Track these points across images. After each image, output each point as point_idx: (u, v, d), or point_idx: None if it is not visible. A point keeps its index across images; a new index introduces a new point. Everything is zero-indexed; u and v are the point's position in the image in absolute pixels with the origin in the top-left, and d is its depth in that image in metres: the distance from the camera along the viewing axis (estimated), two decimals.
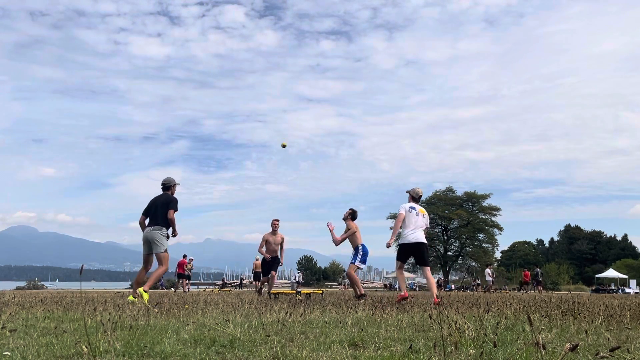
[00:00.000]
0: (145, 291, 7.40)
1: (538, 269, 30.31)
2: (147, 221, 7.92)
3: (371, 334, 3.44)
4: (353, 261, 9.34)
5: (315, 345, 2.95)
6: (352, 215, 9.51)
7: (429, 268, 7.97)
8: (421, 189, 8.28)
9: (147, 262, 7.88)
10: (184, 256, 24.00)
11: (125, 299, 7.95)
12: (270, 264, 11.21)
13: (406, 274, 56.05)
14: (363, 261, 9.36)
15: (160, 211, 7.80)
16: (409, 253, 7.97)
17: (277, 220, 11.19)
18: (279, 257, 11.21)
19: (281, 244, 11.20)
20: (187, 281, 26.63)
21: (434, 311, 5.17)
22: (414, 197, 8.17)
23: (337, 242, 9.43)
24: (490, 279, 27.25)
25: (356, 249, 9.33)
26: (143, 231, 7.84)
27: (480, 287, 26.99)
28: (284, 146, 10.50)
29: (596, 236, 78.28)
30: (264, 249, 11.19)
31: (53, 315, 4.83)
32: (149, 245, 7.73)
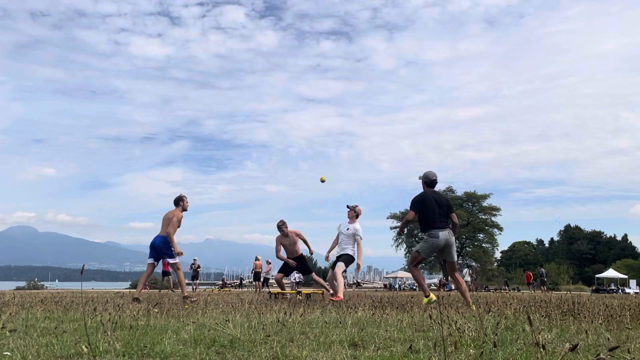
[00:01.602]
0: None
1: (542, 269, 30.44)
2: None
3: (371, 334, 3.44)
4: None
5: (315, 345, 2.95)
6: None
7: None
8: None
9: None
10: None
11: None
12: (299, 266, 10.19)
13: (406, 274, 56.19)
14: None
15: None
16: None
17: (283, 223, 10.00)
18: (302, 254, 10.20)
19: (303, 240, 10.19)
20: (194, 281, 26.70)
21: (434, 311, 5.18)
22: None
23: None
24: (470, 279, 27.41)
25: None
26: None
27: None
28: (322, 181, 9.99)
29: (596, 236, 78.29)
30: (283, 254, 10.12)
31: (53, 315, 4.83)
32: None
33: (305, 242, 10.30)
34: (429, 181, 6.95)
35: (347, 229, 8.66)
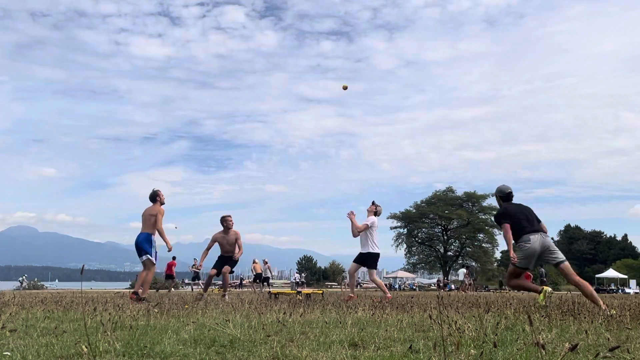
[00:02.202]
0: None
1: (542, 269, 30.52)
2: None
3: (371, 334, 3.44)
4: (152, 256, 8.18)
5: (315, 345, 2.95)
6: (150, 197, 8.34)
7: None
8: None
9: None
10: (174, 258, 23.98)
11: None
12: (224, 260, 9.69)
13: (406, 274, 56.30)
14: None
15: None
16: None
17: (230, 216, 9.68)
18: (234, 256, 9.69)
19: (237, 243, 9.69)
20: (195, 281, 26.60)
21: (434, 311, 5.18)
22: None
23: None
24: (466, 279, 27.53)
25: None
26: None
27: (464, 285, 27.25)
28: (345, 88, 9.69)
29: (596, 236, 78.27)
30: (207, 253, 9.65)
31: (53, 315, 4.83)
32: None
33: (239, 246, 9.75)
34: (504, 195, 6.58)
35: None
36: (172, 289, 22.12)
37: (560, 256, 6.07)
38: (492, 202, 53.71)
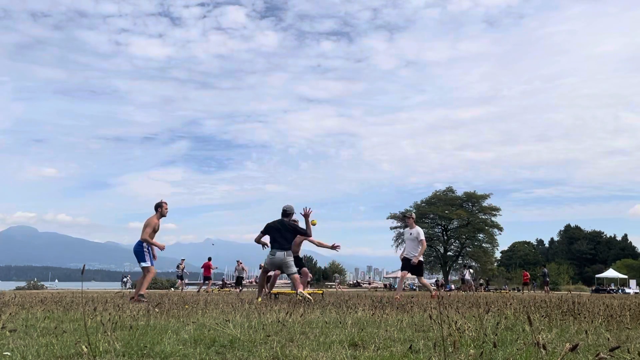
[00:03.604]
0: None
1: (545, 269, 30.64)
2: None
3: (371, 334, 3.44)
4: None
5: (315, 345, 2.95)
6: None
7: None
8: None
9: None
10: (209, 259, 23.47)
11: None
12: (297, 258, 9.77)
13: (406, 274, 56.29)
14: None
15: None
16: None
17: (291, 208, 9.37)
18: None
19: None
20: (184, 281, 26.49)
21: (434, 311, 5.18)
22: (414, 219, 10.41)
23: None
24: (470, 278, 27.64)
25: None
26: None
27: (468, 285, 27.30)
28: (314, 224, 9.14)
29: (596, 236, 78.35)
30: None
31: (53, 315, 4.83)
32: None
33: (307, 226, 9.74)
34: (282, 212, 8.47)
35: (410, 233, 9.91)
36: (210, 289, 22.17)
37: (292, 270, 8.11)
38: (492, 202, 53.79)
